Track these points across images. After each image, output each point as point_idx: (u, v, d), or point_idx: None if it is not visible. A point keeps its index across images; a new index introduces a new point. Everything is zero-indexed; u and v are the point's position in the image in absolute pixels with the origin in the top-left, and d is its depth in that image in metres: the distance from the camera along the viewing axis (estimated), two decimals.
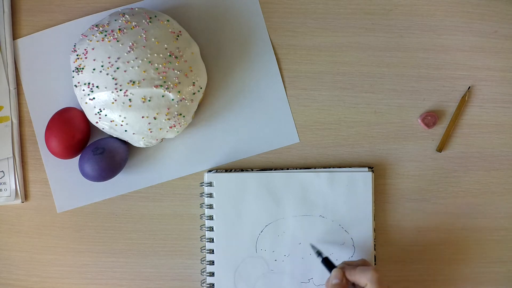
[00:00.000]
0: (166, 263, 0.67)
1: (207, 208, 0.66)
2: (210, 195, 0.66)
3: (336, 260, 0.64)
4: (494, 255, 0.67)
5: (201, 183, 0.67)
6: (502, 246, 0.67)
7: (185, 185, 0.67)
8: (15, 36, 0.67)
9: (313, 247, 0.64)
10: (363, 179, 0.65)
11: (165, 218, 0.67)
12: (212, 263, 0.65)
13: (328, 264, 0.61)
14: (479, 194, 0.68)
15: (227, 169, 0.67)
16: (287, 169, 0.66)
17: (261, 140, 0.67)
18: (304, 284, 0.65)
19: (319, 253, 0.63)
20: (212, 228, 0.65)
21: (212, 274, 0.65)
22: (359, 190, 0.65)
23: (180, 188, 0.67)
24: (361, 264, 0.60)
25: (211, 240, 0.65)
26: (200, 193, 0.67)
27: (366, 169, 0.66)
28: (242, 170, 0.66)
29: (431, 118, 0.67)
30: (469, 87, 0.68)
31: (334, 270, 0.59)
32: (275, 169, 0.66)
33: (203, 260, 0.66)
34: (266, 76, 0.68)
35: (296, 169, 0.66)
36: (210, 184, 0.66)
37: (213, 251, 0.65)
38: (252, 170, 0.66)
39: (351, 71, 0.68)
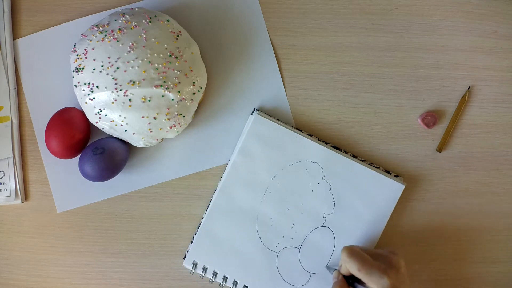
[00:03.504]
0: (166, 263, 0.67)
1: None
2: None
3: (338, 248, 0.65)
4: (494, 255, 0.67)
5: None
6: (502, 246, 0.67)
7: (185, 185, 0.67)
8: (15, 36, 0.67)
9: (329, 269, 0.64)
10: (393, 188, 0.65)
11: (165, 218, 0.67)
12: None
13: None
14: (479, 194, 0.68)
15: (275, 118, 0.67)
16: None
17: None
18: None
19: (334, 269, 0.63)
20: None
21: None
22: (384, 196, 0.65)
23: (180, 188, 0.67)
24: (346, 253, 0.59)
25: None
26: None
27: (401, 180, 0.66)
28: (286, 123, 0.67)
29: (431, 118, 0.67)
30: (469, 87, 0.68)
31: (334, 272, 0.61)
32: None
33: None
34: (266, 76, 0.68)
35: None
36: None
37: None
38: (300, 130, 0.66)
39: (351, 71, 0.68)
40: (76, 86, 0.61)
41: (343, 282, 0.58)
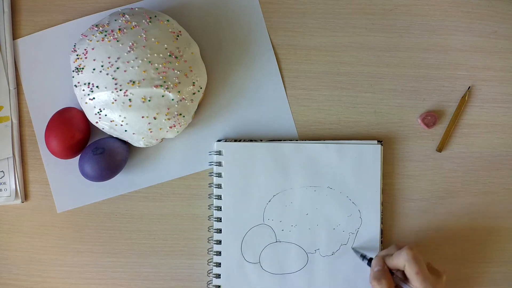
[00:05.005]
0: (166, 263, 0.67)
1: (216, 176, 0.66)
2: (219, 164, 0.66)
3: (343, 231, 0.65)
4: (494, 255, 0.67)
5: (209, 151, 0.67)
6: (502, 246, 0.67)
7: (185, 185, 0.67)
8: (15, 36, 0.67)
9: (355, 251, 0.65)
10: (372, 151, 0.65)
11: (165, 218, 0.67)
12: (219, 231, 0.66)
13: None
14: (479, 194, 0.68)
15: (236, 139, 0.67)
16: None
17: None
18: (310, 254, 0.65)
19: (363, 256, 0.63)
20: (220, 197, 0.66)
21: (219, 242, 0.66)
22: (367, 162, 0.65)
23: (180, 188, 0.67)
24: (396, 249, 0.60)
25: (219, 208, 0.66)
26: (209, 162, 0.66)
27: (375, 141, 0.66)
28: (251, 141, 0.66)
29: (431, 118, 0.67)
30: (469, 87, 0.68)
31: (374, 259, 0.61)
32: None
33: (211, 229, 0.66)
34: (266, 76, 0.68)
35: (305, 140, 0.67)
36: (219, 153, 0.66)
37: (220, 219, 0.66)
38: (261, 141, 0.66)
39: (351, 71, 0.68)
40: (76, 86, 0.61)
41: (388, 273, 0.59)
